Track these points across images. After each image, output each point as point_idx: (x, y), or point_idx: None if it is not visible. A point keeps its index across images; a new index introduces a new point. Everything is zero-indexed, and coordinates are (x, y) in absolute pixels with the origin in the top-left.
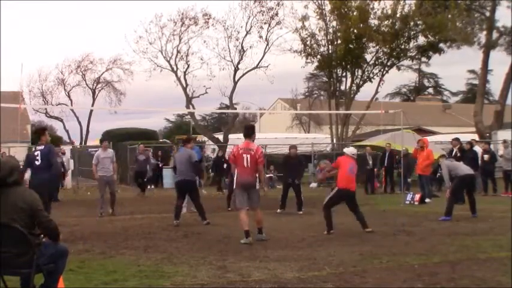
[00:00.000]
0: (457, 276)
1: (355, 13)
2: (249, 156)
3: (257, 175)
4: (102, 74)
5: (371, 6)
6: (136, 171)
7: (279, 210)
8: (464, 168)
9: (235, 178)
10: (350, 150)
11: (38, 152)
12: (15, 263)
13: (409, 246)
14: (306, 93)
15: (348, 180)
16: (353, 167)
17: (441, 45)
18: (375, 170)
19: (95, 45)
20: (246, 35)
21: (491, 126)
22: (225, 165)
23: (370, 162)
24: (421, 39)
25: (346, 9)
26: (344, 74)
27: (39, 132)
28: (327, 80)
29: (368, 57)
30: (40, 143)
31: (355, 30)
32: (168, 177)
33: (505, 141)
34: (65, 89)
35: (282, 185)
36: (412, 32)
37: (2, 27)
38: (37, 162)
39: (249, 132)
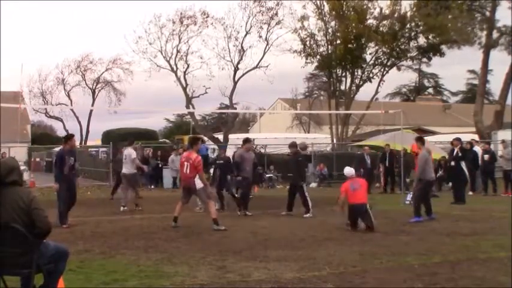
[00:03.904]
0: (457, 276)
1: (353, 13)
2: (189, 164)
3: (198, 179)
4: (102, 74)
5: (369, 6)
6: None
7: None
8: (430, 173)
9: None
10: (347, 171)
11: None
12: (15, 263)
13: (409, 246)
14: (306, 93)
15: (354, 196)
16: (354, 182)
17: (442, 46)
18: (374, 170)
19: (95, 45)
20: (245, 35)
21: (491, 126)
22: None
23: (369, 161)
24: (422, 40)
25: (344, 10)
26: (344, 74)
27: None
28: (327, 80)
29: (368, 57)
30: None
31: (354, 31)
32: (168, 177)
33: (503, 141)
34: (64, 89)
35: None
36: (413, 33)
37: (2, 27)
38: None
39: (192, 143)
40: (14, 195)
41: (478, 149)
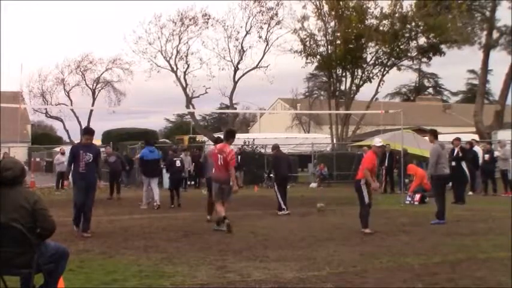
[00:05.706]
0: (457, 276)
1: (353, 14)
2: (222, 157)
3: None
4: (102, 74)
5: (368, 5)
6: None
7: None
8: (443, 167)
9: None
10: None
11: None
12: (15, 263)
13: (409, 246)
14: (306, 93)
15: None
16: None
17: (442, 46)
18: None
19: (95, 45)
20: (245, 35)
21: (491, 126)
22: None
23: None
24: (422, 40)
25: (343, 10)
26: (344, 74)
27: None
28: (327, 80)
29: (368, 57)
30: None
31: (354, 31)
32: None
33: (500, 142)
34: (64, 89)
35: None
36: (413, 33)
37: (2, 27)
38: None
39: (227, 136)
40: (16, 194)
41: (478, 149)
